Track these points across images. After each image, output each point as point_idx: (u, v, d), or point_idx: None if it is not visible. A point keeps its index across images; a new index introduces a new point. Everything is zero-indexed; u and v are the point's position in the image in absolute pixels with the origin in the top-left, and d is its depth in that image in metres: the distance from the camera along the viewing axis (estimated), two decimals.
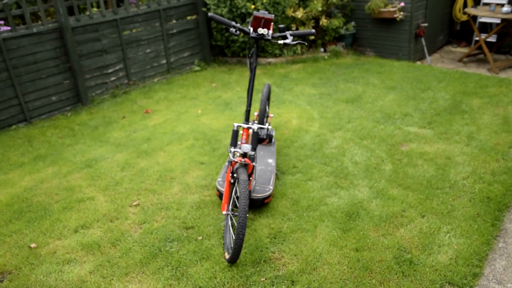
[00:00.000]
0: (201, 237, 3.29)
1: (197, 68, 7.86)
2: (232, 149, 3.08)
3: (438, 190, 3.73)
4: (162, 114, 5.91)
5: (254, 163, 3.10)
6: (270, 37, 3.05)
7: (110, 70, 6.63)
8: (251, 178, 3.14)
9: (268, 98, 4.73)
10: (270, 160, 4.03)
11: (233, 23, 3.04)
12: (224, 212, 3.07)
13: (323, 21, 7.54)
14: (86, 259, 3.13)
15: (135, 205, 3.74)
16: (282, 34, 3.10)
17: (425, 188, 3.77)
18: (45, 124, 5.80)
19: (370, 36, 7.98)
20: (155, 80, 7.33)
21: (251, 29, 3.06)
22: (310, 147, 4.62)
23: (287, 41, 3.05)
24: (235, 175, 3.04)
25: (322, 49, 8.04)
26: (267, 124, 4.31)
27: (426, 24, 7.59)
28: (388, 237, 3.18)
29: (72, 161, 4.64)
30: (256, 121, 4.40)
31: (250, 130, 3.15)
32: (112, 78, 6.71)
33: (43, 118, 5.98)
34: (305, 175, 4.08)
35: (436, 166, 4.10)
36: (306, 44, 3.11)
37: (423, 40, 7.69)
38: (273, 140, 4.35)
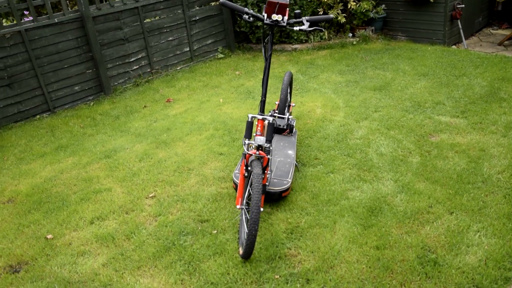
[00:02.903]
0: (216, 231, 3.19)
1: (221, 55, 7.73)
2: (247, 141, 2.94)
3: (469, 185, 3.47)
4: (184, 103, 5.83)
5: (269, 156, 2.95)
6: (285, 24, 2.87)
7: (132, 59, 6.60)
8: (266, 172, 3.00)
9: (289, 87, 4.55)
10: (290, 152, 3.87)
11: (246, 9, 2.88)
12: (238, 206, 2.95)
13: (352, 4, 7.21)
14: (100, 251, 3.10)
15: (151, 197, 3.69)
16: (298, 20, 2.91)
17: (455, 182, 3.51)
18: (68, 114, 5.85)
19: (402, 20, 7.59)
20: (178, 68, 7.26)
21: (265, 16, 2.89)
22: (333, 137, 4.42)
23: (303, 27, 2.86)
24: (249, 168, 2.91)
25: (350, 34, 7.72)
26: (287, 114, 4.16)
27: (462, 5, 7.12)
28: (412, 235, 2.98)
29: (92, 151, 4.64)
30: (276, 111, 4.25)
31: (266, 122, 2.99)
32: (135, 67, 6.69)
33: (66, 108, 6.03)
34: (327, 167, 3.90)
35: (468, 159, 3.82)
36: (323, 30, 2.89)
37: (459, 22, 7.23)
38: (294, 130, 4.19)
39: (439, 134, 4.31)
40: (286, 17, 2.86)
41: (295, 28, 2.88)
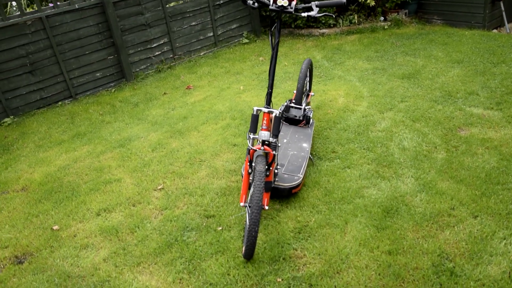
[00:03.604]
0: (220, 228, 3.07)
1: (246, 40, 7.53)
2: (251, 136, 2.77)
3: (499, 185, 3.15)
4: (204, 90, 5.71)
5: (274, 152, 2.77)
6: (292, 10, 2.64)
7: (154, 45, 6.53)
8: (272, 168, 2.82)
9: (308, 75, 4.31)
10: (304, 145, 3.67)
11: None
12: (241, 204, 2.80)
13: None
14: (103, 245, 3.05)
15: (160, 189, 3.61)
16: (307, 5, 2.67)
17: (483, 182, 3.20)
18: (89, 100, 5.86)
19: (438, 2, 7.07)
20: (201, 54, 7.13)
21: (271, 1, 2.67)
22: (354, 129, 4.17)
23: (311, 13, 2.62)
24: (253, 164, 2.74)
25: (382, 18, 7.30)
26: (304, 104, 3.95)
27: None
28: (429, 240, 2.73)
29: (108, 139, 4.62)
30: (293, 101, 4.04)
31: (272, 115, 2.80)
32: (157, 53, 6.61)
33: (88, 95, 6.05)
34: (344, 161, 3.67)
35: (499, 156, 3.49)
36: (333, 16, 2.64)
37: (502, 4, 6.65)
38: (311, 121, 3.98)
39: (469, 127, 3.97)
40: (294, 2, 2.64)
41: (302, 14, 2.65)
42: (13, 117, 5.48)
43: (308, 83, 4.41)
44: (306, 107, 3.94)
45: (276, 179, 3.18)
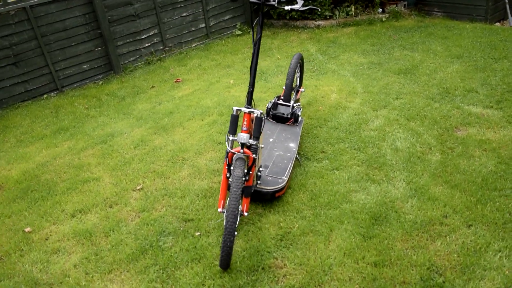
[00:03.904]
0: (198, 233, 2.90)
1: (239, 32, 7.31)
2: (231, 138, 2.59)
3: (496, 192, 2.97)
4: (192, 84, 5.52)
5: (254, 156, 2.59)
6: (275, 2, 2.44)
7: (143, 36, 6.31)
8: (252, 172, 2.64)
9: (297, 70, 4.12)
10: (291, 144, 3.49)
11: None
12: (219, 210, 2.64)
13: None
14: (75, 249, 2.89)
15: (139, 190, 3.44)
16: None
17: (479, 188, 3.02)
18: (75, 93, 5.68)
19: None
20: (193, 45, 6.92)
21: None
22: (345, 128, 3.98)
23: (295, 7, 2.42)
24: (231, 168, 2.56)
25: (380, 10, 7.06)
26: (292, 101, 3.76)
27: None
28: (419, 251, 2.56)
29: (90, 135, 4.44)
30: (282, 97, 3.85)
31: (253, 115, 2.62)
32: (146, 44, 6.40)
33: (75, 87, 5.87)
34: (333, 162, 3.49)
35: (498, 159, 3.30)
36: (320, 10, 2.45)
37: None
38: (299, 119, 3.79)
39: (466, 127, 3.78)
40: None
41: (285, 8, 2.45)
42: None
43: (298, 79, 4.22)
44: (294, 105, 3.75)
45: (259, 182, 3.00)
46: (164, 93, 5.36)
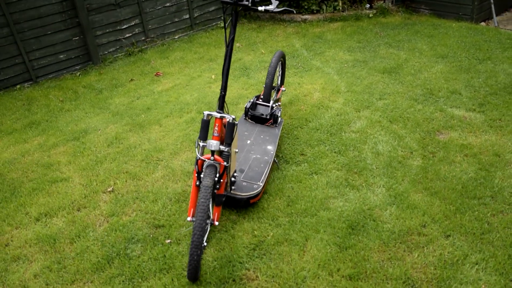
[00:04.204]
0: (169, 241, 2.78)
1: (223, 24, 7.10)
2: (201, 144, 2.45)
3: (475, 200, 2.90)
4: (173, 78, 5.34)
5: (226, 163, 2.46)
6: (247, 3, 2.30)
7: (124, 26, 6.09)
8: (223, 180, 2.51)
9: (281, 69, 4.00)
10: (269, 147, 3.36)
11: None
12: (188, 219, 2.51)
13: None
14: (37, 257, 2.74)
15: (109, 192, 3.29)
16: None
17: (458, 196, 2.95)
18: (51, 84, 5.45)
19: None
20: (176, 37, 6.71)
21: None
22: (326, 129, 3.87)
23: (269, 7, 2.28)
24: (201, 175, 2.43)
25: (368, 5, 6.93)
26: (271, 102, 3.63)
27: None
28: (395, 263, 2.48)
29: (63, 131, 4.26)
30: (261, 97, 3.72)
31: (225, 120, 2.48)
32: (127, 35, 6.18)
33: (50, 78, 5.63)
34: (312, 166, 3.38)
35: (478, 165, 3.23)
36: (295, 12, 2.31)
37: None
38: (279, 120, 3.67)
39: (449, 131, 3.70)
40: None
41: (259, 8, 2.31)
42: None
43: (280, 77, 4.09)
44: (274, 105, 3.62)
45: (233, 187, 2.88)
46: (143, 87, 5.18)
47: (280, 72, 4.07)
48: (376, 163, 3.37)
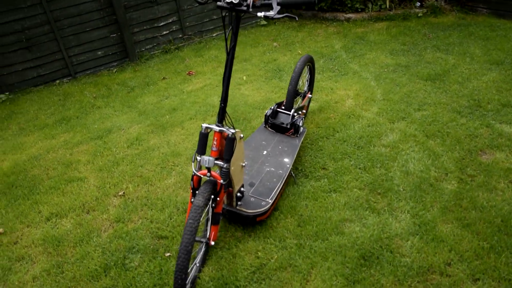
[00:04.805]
0: (168, 254, 2.66)
1: (264, 22, 6.91)
2: (198, 158, 2.28)
3: None
4: (204, 78, 5.24)
5: (222, 181, 2.28)
6: (245, 8, 2.09)
7: (161, 23, 6.07)
8: (220, 199, 2.34)
9: (310, 74, 3.75)
10: (286, 160, 3.14)
11: None
12: None
13: None
14: (40, 258, 2.72)
15: (120, 196, 3.23)
16: (267, 2, 2.10)
17: (496, 231, 2.56)
18: (88, 80, 5.56)
19: None
20: (214, 35, 6.61)
21: None
22: (354, 141, 3.57)
23: (269, 14, 2.05)
24: (197, 192, 2.27)
25: (418, 3, 6.42)
26: (292, 110, 3.39)
27: None
28: None
29: (89, 128, 4.29)
30: (284, 104, 3.50)
31: (225, 134, 2.30)
32: (164, 32, 6.16)
33: (88, 74, 5.75)
34: (332, 182, 3.12)
35: None
36: (297, 19, 2.06)
37: None
38: (301, 130, 3.43)
39: (494, 151, 3.27)
40: None
41: (258, 14, 2.09)
42: (8, 94, 5.27)
43: (307, 83, 3.83)
44: (295, 113, 3.38)
45: (240, 203, 2.70)
46: (174, 86, 5.12)
47: (308, 77, 3.82)
48: (404, 184, 3.04)
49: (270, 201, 2.75)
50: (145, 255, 2.67)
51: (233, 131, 2.27)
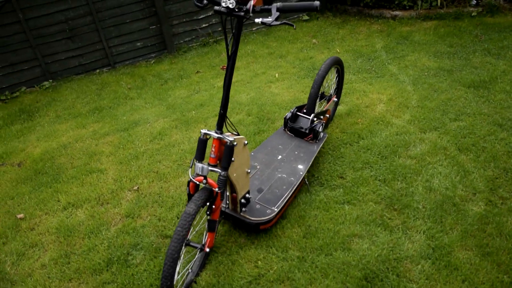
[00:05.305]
0: None
1: (306, 17, 6.72)
2: (199, 165, 2.22)
3: None
4: (237, 73, 5.19)
5: (217, 189, 2.21)
6: (242, 13, 1.99)
7: (201, 16, 6.08)
8: (215, 207, 2.27)
9: (339, 77, 3.59)
10: (300, 166, 3.02)
11: None
12: None
13: None
14: (51, 247, 2.82)
15: (134, 190, 3.27)
16: (266, 7, 1.97)
17: None
18: (126, 70, 5.70)
19: None
20: (254, 29, 6.53)
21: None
22: (379, 150, 3.37)
23: (267, 20, 1.93)
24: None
25: (473, 2, 5.93)
26: (312, 115, 3.25)
27: None
28: None
29: (118, 119, 4.40)
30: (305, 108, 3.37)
31: (224, 141, 2.23)
32: (204, 25, 6.17)
33: (127, 64, 5.89)
34: (348, 193, 2.96)
35: None
36: (294, 27, 1.92)
37: None
38: (321, 135, 3.29)
39: None
40: (252, 1, 1.97)
41: (256, 20, 1.97)
42: (52, 81, 5.53)
43: (334, 86, 3.67)
44: (314, 118, 3.24)
45: (244, 209, 2.63)
46: (206, 80, 5.12)
47: (336, 80, 3.65)
48: (425, 201, 2.82)
49: (276, 209, 2.65)
50: (148, 253, 2.68)
51: (231, 138, 2.19)
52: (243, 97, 4.53)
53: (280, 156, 3.12)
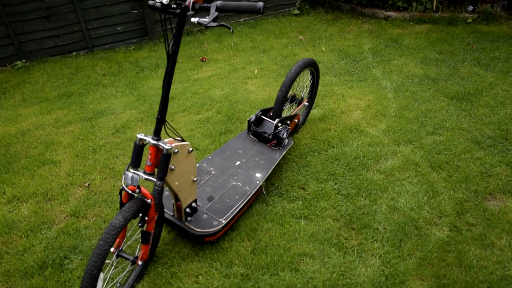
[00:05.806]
0: (108, 261, 2.48)
1: (297, 11, 6.47)
2: (131, 172, 2.03)
3: None
4: (216, 67, 4.97)
5: (149, 201, 2.03)
6: (179, 11, 1.79)
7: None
8: (147, 218, 2.09)
9: (313, 80, 3.39)
10: (258, 175, 2.83)
11: None
12: (111, 249, 2.16)
13: None
14: None
15: (85, 187, 3.09)
16: (205, 5, 1.77)
17: None
18: (103, 55, 5.47)
19: None
20: (241, 20, 6.29)
21: None
22: (347, 161, 3.19)
23: (203, 21, 1.73)
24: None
25: (470, 7, 5.70)
26: (276, 121, 3.06)
27: None
28: None
29: (84, 108, 4.19)
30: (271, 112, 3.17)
31: (161, 148, 2.04)
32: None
33: (106, 48, 5.66)
34: (306, 207, 2.78)
35: None
36: (232, 30, 1.72)
37: None
38: (286, 142, 3.09)
39: (506, 198, 2.77)
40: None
41: (192, 20, 1.77)
42: (25, 61, 5.31)
43: (308, 90, 3.47)
44: (279, 123, 3.04)
45: (190, 218, 2.46)
46: (183, 71, 4.91)
47: (311, 84, 3.45)
48: (386, 221, 2.64)
49: (223, 221, 2.47)
50: (86, 258, 2.51)
51: (168, 146, 2.00)
52: (216, 92, 4.32)
53: (238, 162, 2.93)
